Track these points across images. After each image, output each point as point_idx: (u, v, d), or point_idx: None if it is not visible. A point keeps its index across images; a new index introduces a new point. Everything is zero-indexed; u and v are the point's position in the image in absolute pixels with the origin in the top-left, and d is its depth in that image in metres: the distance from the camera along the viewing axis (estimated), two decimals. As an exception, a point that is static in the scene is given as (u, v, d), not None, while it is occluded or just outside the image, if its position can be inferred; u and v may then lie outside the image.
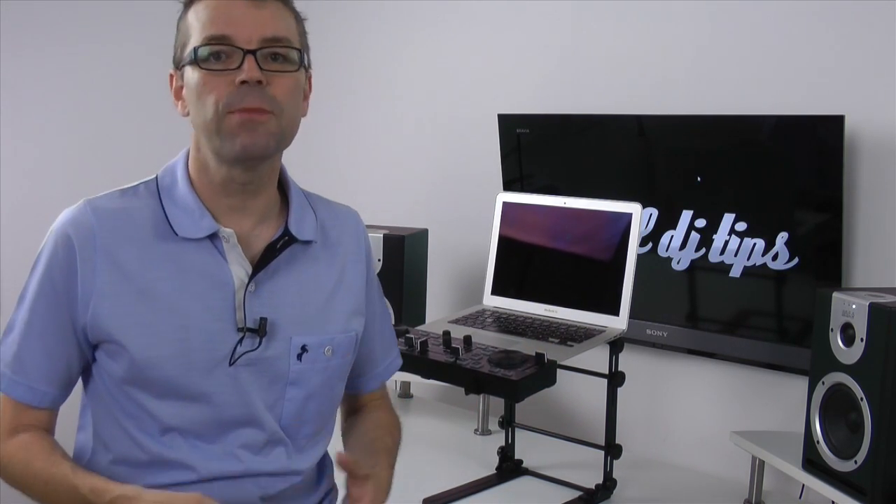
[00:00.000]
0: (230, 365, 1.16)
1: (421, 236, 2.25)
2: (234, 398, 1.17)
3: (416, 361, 1.50)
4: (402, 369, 1.47)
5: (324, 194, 1.39)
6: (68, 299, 1.15)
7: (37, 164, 2.67)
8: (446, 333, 1.60)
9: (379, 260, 2.12)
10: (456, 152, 2.48)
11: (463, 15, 2.44)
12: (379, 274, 2.13)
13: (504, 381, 1.39)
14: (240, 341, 1.16)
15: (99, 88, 2.72)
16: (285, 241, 1.20)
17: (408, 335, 1.61)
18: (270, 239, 1.20)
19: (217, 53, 1.12)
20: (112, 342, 1.14)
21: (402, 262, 2.13)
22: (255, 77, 1.11)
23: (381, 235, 2.12)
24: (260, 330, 1.17)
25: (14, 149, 2.62)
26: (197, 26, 1.14)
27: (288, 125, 1.16)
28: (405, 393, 2.41)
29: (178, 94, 1.19)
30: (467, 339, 1.50)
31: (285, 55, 1.15)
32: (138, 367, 1.13)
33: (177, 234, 1.16)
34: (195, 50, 1.12)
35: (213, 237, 1.17)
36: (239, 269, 1.18)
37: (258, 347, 1.17)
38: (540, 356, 1.41)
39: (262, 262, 1.18)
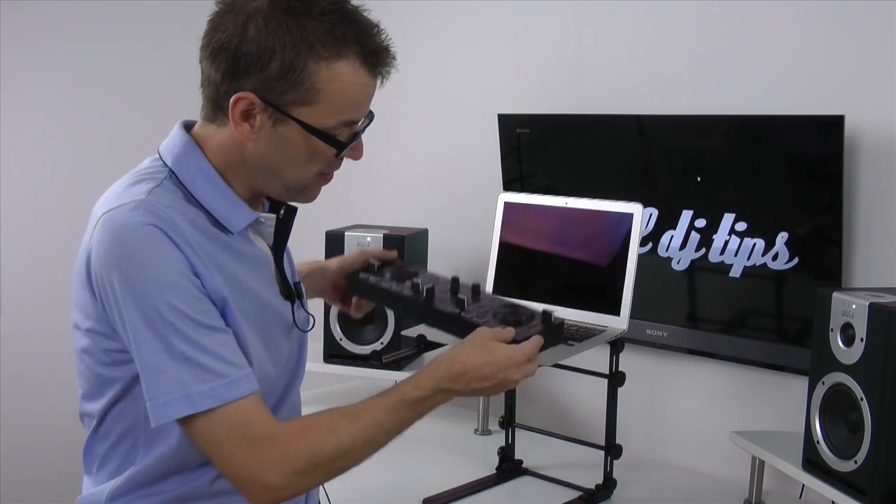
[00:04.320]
0: (305, 332, 1.26)
1: (421, 236, 2.25)
2: (292, 361, 1.25)
3: (420, 308, 1.44)
4: (406, 316, 1.55)
5: (323, 194, 1.40)
6: (200, 286, 1.09)
7: (37, 164, 2.67)
8: (455, 281, 1.50)
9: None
10: (456, 152, 2.48)
11: (463, 15, 2.44)
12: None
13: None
14: (293, 308, 1.23)
15: (100, 88, 2.72)
16: (287, 210, 1.25)
17: (415, 279, 1.49)
18: (265, 213, 1.25)
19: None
20: None
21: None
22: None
23: (381, 235, 2.12)
24: (298, 293, 1.26)
25: (14, 148, 2.62)
26: (334, 100, 1.10)
27: None
28: (405, 393, 2.40)
29: (247, 117, 1.10)
30: (475, 289, 1.46)
31: None
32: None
33: (228, 230, 1.15)
34: (338, 140, 1.13)
35: None
36: (263, 244, 1.23)
37: (304, 308, 1.27)
38: (547, 314, 1.36)
39: (279, 234, 1.24)
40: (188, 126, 1.20)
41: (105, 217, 1.08)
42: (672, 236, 1.97)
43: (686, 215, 1.95)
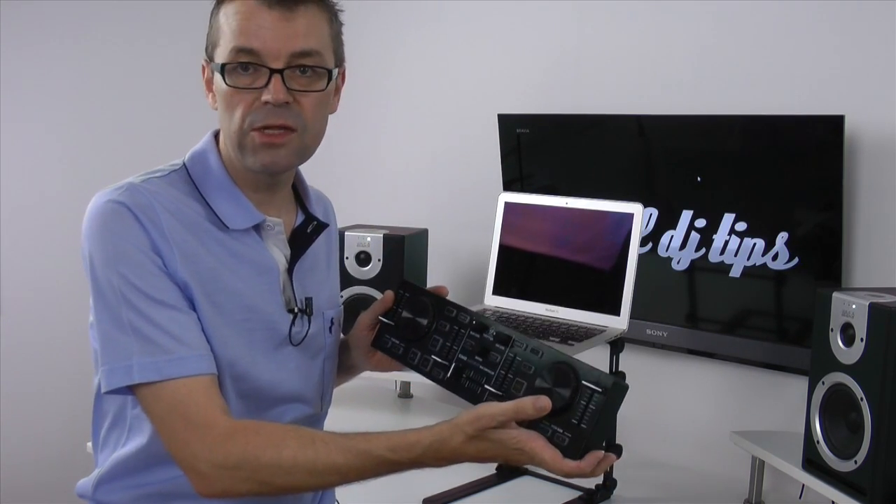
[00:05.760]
0: (296, 345, 1.21)
1: (421, 236, 2.25)
2: (288, 375, 1.21)
3: (447, 387, 1.22)
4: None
5: (324, 194, 1.41)
6: (161, 265, 1.09)
7: (38, 165, 2.67)
8: (481, 332, 1.22)
9: (379, 260, 2.12)
10: (456, 152, 2.48)
11: (463, 14, 2.44)
12: (379, 274, 2.16)
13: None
14: (293, 322, 1.21)
15: (101, 88, 2.72)
16: (314, 225, 1.25)
17: (437, 359, 1.25)
18: (293, 224, 1.25)
19: (245, 65, 1.11)
20: None
21: (402, 262, 2.13)
22: (281, 100, 1.11)
23: (381, 235, 2.12)
24: (308, 309, 1.23)
25: (15, 149, 2.62)
26: (226, 32, 1.12)
27: (311, 141, 1.18)
28: (405, 393, 2.41)
29: (209, 85, 1.18)
30: (507, 341, 1.18)
31: (314, 69, 1.14)
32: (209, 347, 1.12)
33: (227, 226, 1.16)
34: (222, 66, 1.12)
35: (256, 225, 1.19)
36: (279, 254, 1.22)
37: (310, 326, 1.23)
38: (593, 391, 1.05)
39: (298, 246, 1.23)
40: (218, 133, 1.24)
41: (94, 196, 1.13)
42: (672, 236, 1.97)
43: (686, 215, 1.95)
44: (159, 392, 1.06)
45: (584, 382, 1.06)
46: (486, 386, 1.16)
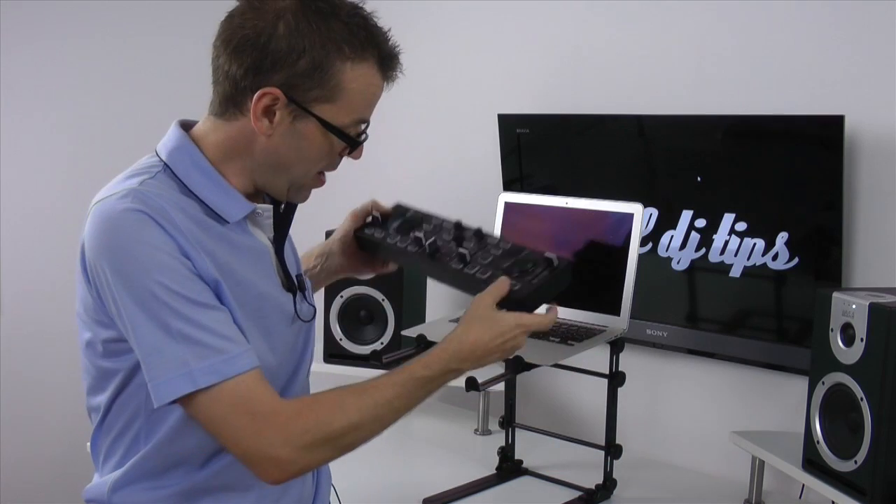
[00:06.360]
0: (307, 322, 1.26)
1: (421, 236, 2.25)
2: (297, 351, 1.26)
3: (425, 265, 1.43)
4: (414, 270, 1.56)
5: (323, 194, 1.41)
6: (191, 267, 1.09)
7: (37, 164, 2.67)
8: (458, 228, 1.50)
9: (379, 260, 2.12)
10: (456, 152, 2.48)
11: (463, 15, 2.44)
12: (379, 274, 2.15)
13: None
14: (294, 300, 1.23)
15: (101, 88, 2.72)
16: (288, 204, 1.26)
17: (417, 233, 1.46)
18: (262, 204, 1.26)
19: None
20: None
21: (403, 261, 2.13)
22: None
23: (382, 235, 2.12)
24: (300, 285, 1.26)
25: (15, 148, 2.62)
26: (353, 100, 1.15)
27: None
28: (405, 393, 2.40)
29: (267, 113, 1.12)
30: (479, 235, 1.45)
31: None
32: None
33: (224, 220, 1.15)
34: (352, 137, 1.17)
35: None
36: (263, 237, 1.23)
37: (307, 300, 1.27)
38: (548, 259, 1.34)
39: (280, 226, 1.25)
40: (185, 125, 1.22)
41: (96, 207, 1.10)
42: (672, 236, 1.97)
43: (686, 215, 1.95)
44: (218, 394, 1.06)
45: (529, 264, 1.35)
46: (459, 249, 1.39)
